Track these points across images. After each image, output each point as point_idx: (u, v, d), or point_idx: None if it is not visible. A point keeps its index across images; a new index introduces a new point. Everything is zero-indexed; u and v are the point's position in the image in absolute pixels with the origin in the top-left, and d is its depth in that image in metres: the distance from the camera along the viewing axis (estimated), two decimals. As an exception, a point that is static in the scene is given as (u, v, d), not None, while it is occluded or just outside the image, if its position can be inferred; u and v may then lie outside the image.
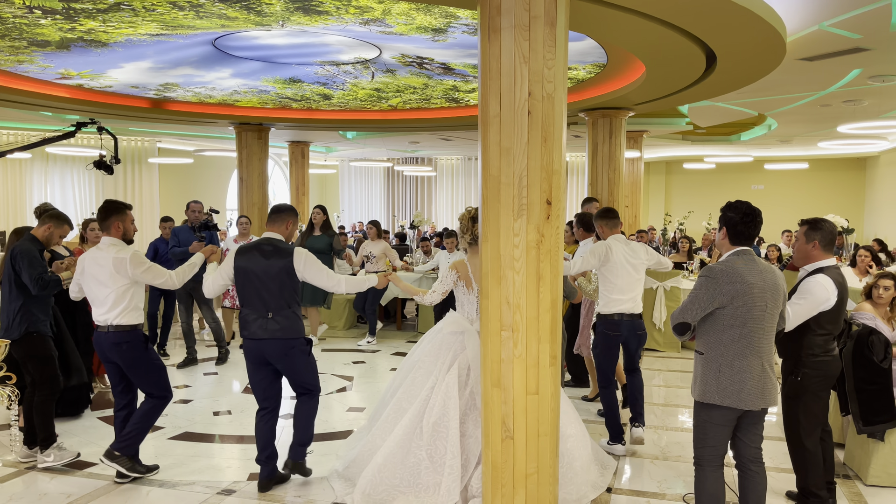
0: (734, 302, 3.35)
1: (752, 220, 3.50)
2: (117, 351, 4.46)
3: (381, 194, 20.60)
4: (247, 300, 4.36)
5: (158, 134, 13.57)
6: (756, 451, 3.60)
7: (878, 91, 8.08)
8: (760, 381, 3.40)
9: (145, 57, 6.60)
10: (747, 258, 3.45)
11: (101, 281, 4.42)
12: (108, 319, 4.44)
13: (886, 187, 16.25)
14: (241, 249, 4.41)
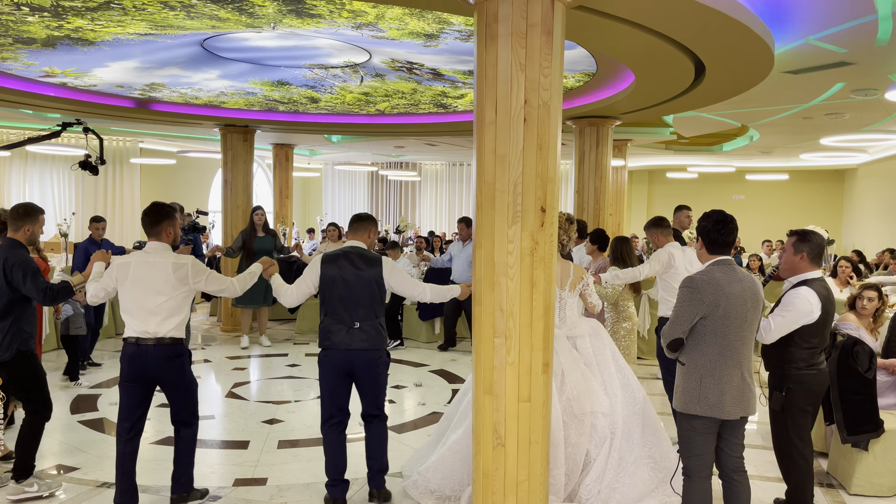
0: (716, 312, 3.37)
1: (725, 226, 3.51)
2: (167, 367, 4.00)
3: (365, 198, 20.54)
4: (331, 309, 4.24)
5: (141, 134, 13.43)
6: (738, 460, 3.61)
7: (860, 105, 8.21)
8: (740, 391, 3.42)
9: (132, 56, 6.53)
10: (726, 268, 3.47)
11: (156, 289, 3.97)
12: (158, 332, 3.95)
13: (864, 199, 16.51)
14: (326, 258, 4.29)
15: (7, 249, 4.32)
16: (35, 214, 4.49)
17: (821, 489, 4.62)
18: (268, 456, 5.17)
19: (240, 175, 10.33)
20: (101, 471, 4.79)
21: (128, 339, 4.01)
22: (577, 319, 4.58)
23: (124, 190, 14.59)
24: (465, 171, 19.60)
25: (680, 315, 3.41)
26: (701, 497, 3.51)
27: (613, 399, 4.30)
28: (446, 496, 4.24)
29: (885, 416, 4.64)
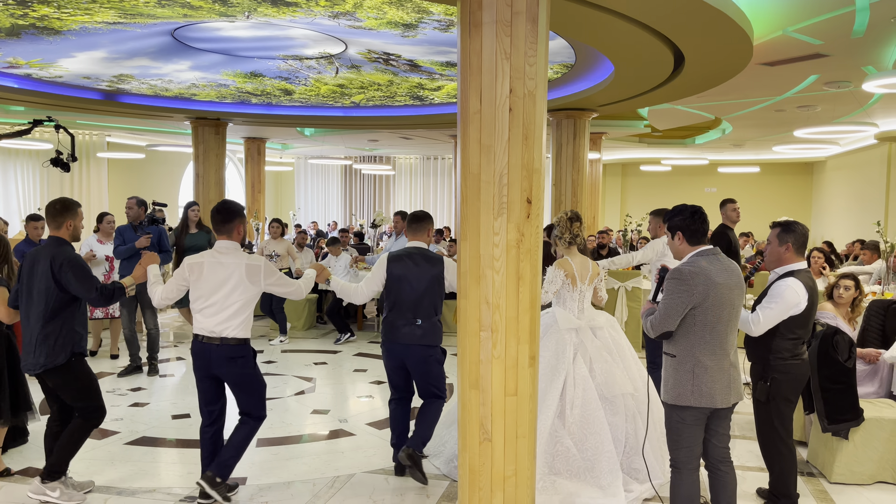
0: (706, 303, 3.35)
1: (702, 216, 3.54)
2: (232, 366, 4.02)
3: (339, 193, 20.37)
4: (395, 306, 4.46)
5: (108, 128, 13.12)
6: (724, 451, 3.62)
7: (832, 97, 8.31)
8: (729, 378, 3.44)
9: (100, 46, 6.34)
10: (711, 257, 3.46)
11: (228, 288, 3.98)
12: (224, 331, 3.98)
13: (832, 191, 16.78)
14: (392, 257, 4.50)
15: (53, 248, 4.10)
16: (73, 208, 4.27)
17: (801, 478, 4.65)
18: (247, 455, 5.05)
19: (212, 169, 10.15)
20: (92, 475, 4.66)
21: (196, 336, 4.08)
22: (593, 311, 4.85)
23: (91, 185, 14.26)
24: (439, 165, 19.52)
25: (670, 307, 3.38)
26: (689, 488, 3.50)
27: (635, 382, 4.61)
28: None
29: (865, 404, 4.68)
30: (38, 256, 4.08)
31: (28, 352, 4.07)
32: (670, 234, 3.60)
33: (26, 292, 4.09)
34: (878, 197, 13.27)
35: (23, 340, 4.12)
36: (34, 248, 4.20)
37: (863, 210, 14.11)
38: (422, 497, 4.37)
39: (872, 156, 13.72)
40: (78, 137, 13.83)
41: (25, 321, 4.10)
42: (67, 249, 4.12)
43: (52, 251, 4.07)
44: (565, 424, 4.43)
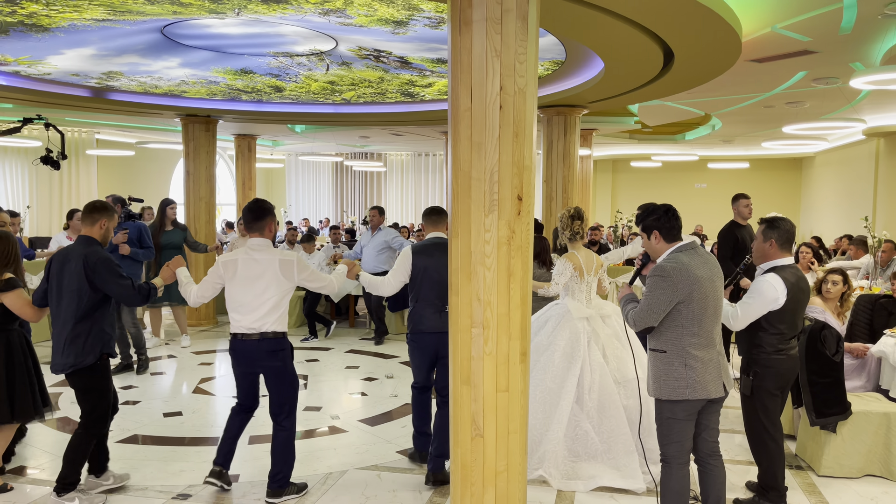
0: (691, 297, 3.38)
1: (674, 213, 3.58)
2: (273, 359, 4.12)
3: (330, 189, 20.33)
4: (423, 296, 4.57)
5: (97, 125, 13.05)
6: (714, 444, 3.65)
7: (821, 93, 8.36)
8: (718, 367, 3.49)
9: (89, 43, 6.31)
10: (690, 252, 3.50)
11: (263, 285, 4.07)
12: (263, 326, 4.07)
13: (821, 187, 16.89)
14: (416, 249, 4.63)
15: (84, 248, 4.07)
16: (111, 210, 4.26)
17: (790, 471, 4.70)
18: (238, 451, 5.05)
19: (202, 166, 10.11)
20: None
21: (235, 335, 4.14)
22: (600, 300, 5.13)
23: (80, 182, 14.18)
24: (430, 161, 19.52)
25: (653, 304, 3.40)
26: (680, 482, 3.53)
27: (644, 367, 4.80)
28: None
29: (853, 398, 4.73)
30: (69, 256, 4.06)
31: (57, 352, 4.05)
32: (646, 235, 3.63)
33: (56, 292, 4.06)
34: (866, 192, 13.37)
35: (53, 340, 4.12)
36: (64, 248, 4.16)
37: (851, 205, 14.22)
38: (414, 493, 4.39)
39: (860, 151, 13.82)
40: (67, 135, 13.75)
41: (56, 321, 4.09)
42: (98, 249, 4.11)
43: (84, 251, 4.04)
44: (584, 409, 4.69)
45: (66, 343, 4.00)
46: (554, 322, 4.98)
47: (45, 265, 4.17)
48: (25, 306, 4.15)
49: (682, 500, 3.55)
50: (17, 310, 4.15)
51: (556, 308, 5.06)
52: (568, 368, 4.74)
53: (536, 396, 4.73)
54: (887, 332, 5.20)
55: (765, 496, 4.14)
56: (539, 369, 4.80)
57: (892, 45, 5.93)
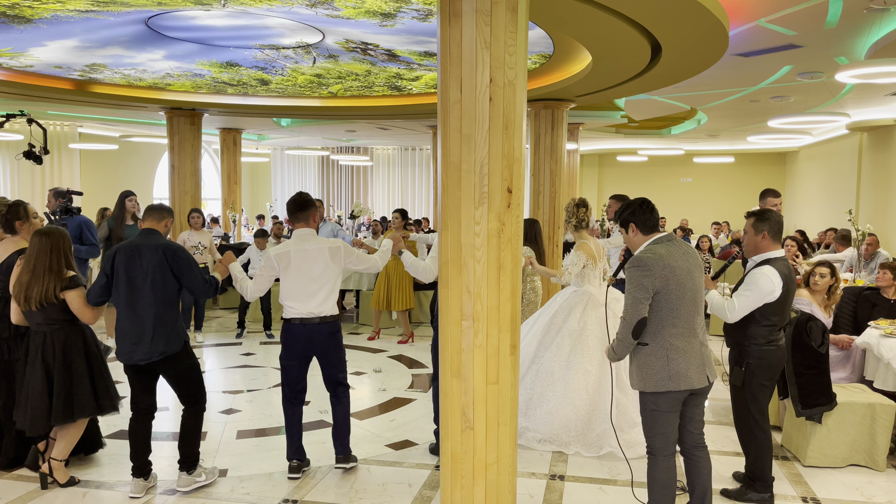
0: (668, 286, 3.40)
1: (650, 206, 3.62)
2: (332, 340, 4.42)
3: (316, 184, 20.24)
4: None
5: (80, 118, 12.90)
6: (699, 436, 3.68)
7: (805, 88, 8.42)
8: (702, 358, 3.51)
9: (72, 35, 6.22)
10: (668, 243, 3.52)
11: (317, 273, 4.32)
12: (322, 311, 4.34)
13: (805, 181, 17.02)
14: None
15: (158, 239, 4.17)
16: (172, 213, 4.45)
17: (776, 461, 4.74)
18: (227, 446, 5.05)
19: (187, 160, 10.03)
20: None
21: (292, 321, 4.34)
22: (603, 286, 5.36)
23: (63, 176, 14.01)
24: (417, 156, 19.48)
25: (636, 295, 3.41)
26: (666, 474, 3.55)
27: None
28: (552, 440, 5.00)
29: (838, 389, 4.78)
30: (139, 248, 4.10)
31: (138, 342, 4.07)
32: (624, 230, 3.66)
33: (126, 284, 4.08)
34: (850, 186, 13.49)
35: (126, 332, 4.10)
36: (125, 242, 4.17)
37: (835, 199, 14.35)
38: (403, 486, 4.39)
39: (844, 146, 13.94)
40: (49, 128, 13.59)
41: (129, 313, 4.08)
42: (170, 241, 4.24)
43: (159, 242, 4.14)
44: (620, 386, 5.01)
45: (152, 332, 4.06)
46: (581, 307, 5.23)
47: (105, 261, 4.16)
48: (85, 307, 4.23)
49: (669, 492, 3.57)
50: (77, 309, 4.22)
51: (578, 294, 5.30)
52: (601, 350, 5.07)
53: (579, 379, 5.01)
54: (872, 324, 5.25)
55: (752, 486, 4.17)
56: (578, 353, 5.08)
57: (877, 39, 5.98)
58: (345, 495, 4.25)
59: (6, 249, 4.53)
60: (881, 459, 4.62)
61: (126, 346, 4.10)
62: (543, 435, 5.00)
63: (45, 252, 4.17)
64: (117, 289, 4.12)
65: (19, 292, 4.16)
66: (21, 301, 4.15)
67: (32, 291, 4.12)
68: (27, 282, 4.13)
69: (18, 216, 4.63)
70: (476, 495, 3.54)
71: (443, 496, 3.66)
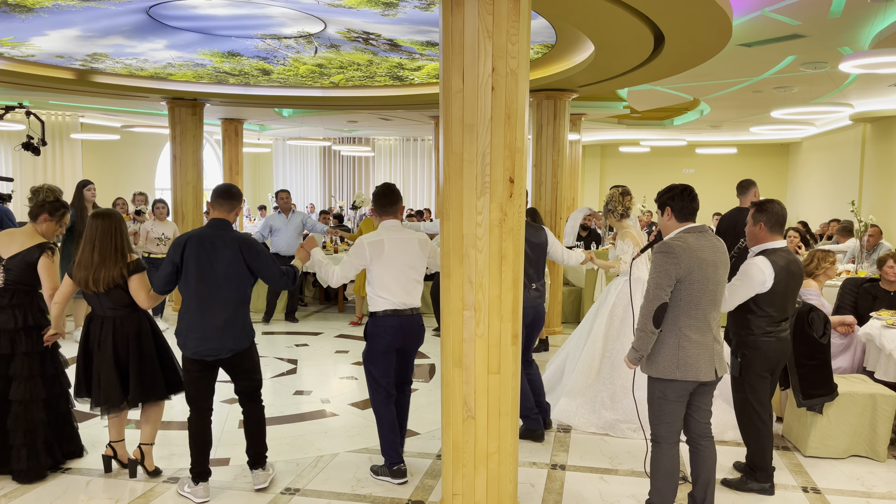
0: (690, 277, 3.40)
1: (691, 194, 3.61)
2: (421, 332, 4.39)
3: (318, 174, 20.22)
4: None
5: (81, 108, 12.88)
6: (706, 426, 3.69)
7: (809, 78, 8.38)
8: (712, 353, 3.51)
9: (73, 24, 6.21)
10: (699, 234, 3.52)
11: (410, 263, 4.29)
12: (413, 302, 4.31)
13: (808, 172, 16.98)
14: None
15: (231, 231, 4.03)
16: (241, 197, 4.24)
17: (776, 452, 4.75)
18: (229, 436, 5.07)
19: (189, 150, 10.01)
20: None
21: (385, 312, 4.23)
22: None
23: (65, 166, 14.02)
24: (419, 146, 19.45)
25: (659, 281, 3.40)
26: (670, 462, 3.57)
27: None
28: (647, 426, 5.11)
29: (839, 379, 4.78)
30: (214, 241, 3.94)
31: (207, 338, 3.93)
32: (660, 211, 3.65)
33: (197, 277, 3.92)
34: (853, 177, 13.46)
35: (193, 326, 3.95)
36: (197, 231, 3.99)
37: (837, 190, 14.31)
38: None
39: (847, 137, 13.90)
40: (50, 118, 13.58)
41: (198, 308, 3.94)
42: (244, 234, 4.17)
43: (236, 235, 4.01)
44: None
45: (221, 329, 3.93)
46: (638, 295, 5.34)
47: (174, 249, 3.98)
48: (144, 291, 4.10)
49: (672, 480, 3.59)
50: (137, 293, 4.09)
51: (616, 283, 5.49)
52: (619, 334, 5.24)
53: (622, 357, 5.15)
54: (874, 315, 5.25)
55: (752, 476, 4.19)
56: (625, 335, 5.24)
57: (880, 30, 5.95)
58: (346, 484, 4.27)
59: (22, 243, 4.34)
60: (882, 450, 4.63)
61: (192, 340, 3.94)
62: (637, 423, 5.05)
63: (109, 234, 4.06)
64: (186, 281, 3.95)
65: (86, 276, 4.02)
66: (88, 284, 4.02)
67: (101, 274, 4.01)
68: (97, 263, 4.02)
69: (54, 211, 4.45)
70: (477, 484, 3.56)
71: (444, 485, 3.68)
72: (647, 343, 3.46)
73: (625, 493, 4.17)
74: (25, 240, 4.33)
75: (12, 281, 4.27)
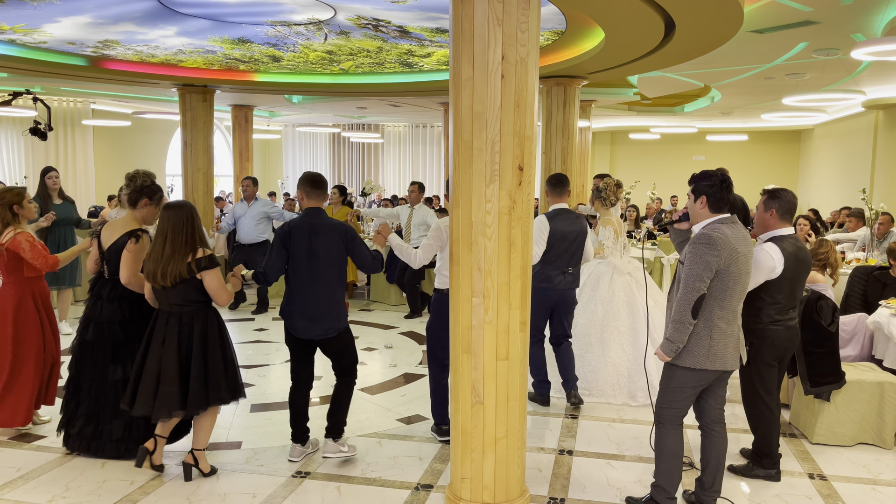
0: (728, 269, 3.40)
1: (729, 185, 3.57)
2: None
3: (327, 161, 20.25)
4: (553, 259, 5.23)
5: (93, 94, 12.95)
6: (720, 412, 3.71)
7: (821, 65, 8.32)
8: (738, 341, 3.57)
9: (84, 11, 6.24)
10: (733, 226, 3.52)
11: None
12: None
13: (819, 159, 16.87)
14: (551, 215, 5.26)
15: (326, 218, 4.28)
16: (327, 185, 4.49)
17: (783, 439, 4.78)
18: (241, 419, 5.14)
19: (199, 137, 10.06)
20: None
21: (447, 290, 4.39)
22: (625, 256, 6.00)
23: (77, 152, 14.11)
24: (428, 133, 19.43)
25: (699, 272, 3.38)
26: (673, 441, 3.62)
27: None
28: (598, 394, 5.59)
29: (846, 367, 4.79)
30: (316, 227, 4.18)
31: (317, 319, 4.22)
32: (693, 197, 3.60)
33: (307, 263, 4.18)
34: (864, 165, 13.36)
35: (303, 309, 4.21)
36: (297, 221, 4.23)
37: (849, 178, 14.22)
38: (414, 459, 4.46)
39: (859, 124, 13.79)
40: (62, 105, 13.66)
41: (310, 291, 4.19)
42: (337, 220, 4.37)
43: (334, 221, 4.27)
44: (654, 344, 5.37)
45: (328, 309, 4.21)
46: (608, 277, 5.81)
47: (281, 238, 4.18)
48: (223, 288, 4.03)
49: (677, 460, 3.62)
50: (215, 290, 3.99)
51: (603, 265, 5.87)
52: (630, 313, 5.64)
53: (614, 340, 5.61)
54: (883, 304, 5.25)
55: (759, 463, 4.22)
56: (611, 318, 5.66)
57: (893, 16, 5.90)
58: (356, 468, 4.33)
59: (114, 232, 4.32)
60: (889, 437, 4.65)
61: (301, 322, 4.22)
62: (589, 387, 5.58)
63: (181, 225, 3.92)
64: (296, 267, 4.19)
65: (154, 269, 3.90)
66: (157, 278, 3.90)
67: (169, 267, 3.87)
68: (167, 256, 3.89)
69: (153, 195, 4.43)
70: (485, 468, 3.61)
71: (453, 469, 3.73)
72: (684, 334, 3.43)
73: (631, 479, 4.21)
74: (124, 228, 4.32)
75: (113, 272, 4.27)
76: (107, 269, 4.33)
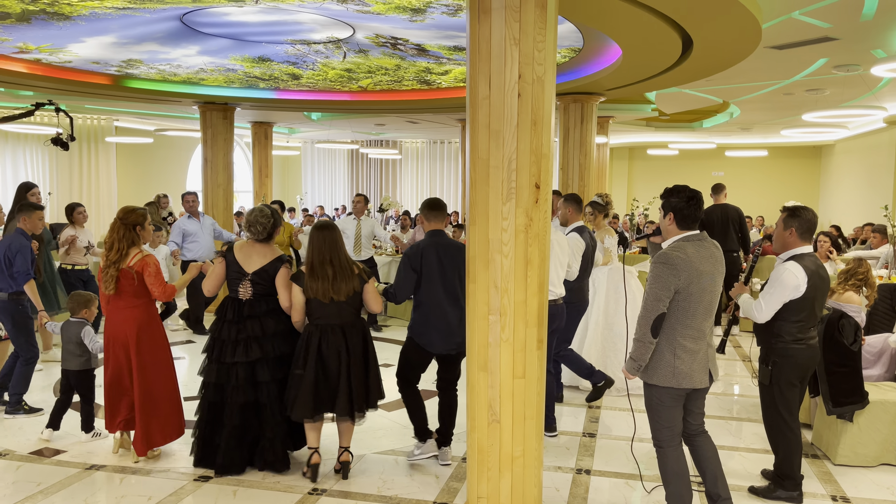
0: (689, 289, 3.40)
1: (698, 202, 3.56)
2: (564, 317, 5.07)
3: (345, 177, 20.38)
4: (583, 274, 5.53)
5: (116, 112, 13.16)
6: (699, 426, 3.74)
7: (841, 80, 8.26)
8: (706, 359, 3.53)
9: (109, 31, 6.36)
10: (698, 243, 3.50)
11: (561, 261, 4.98)
12: (561, 292, 5.00)
13: (840, 175, 16.70)
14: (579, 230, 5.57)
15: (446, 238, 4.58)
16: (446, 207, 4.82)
17: (806, 460, 4.70)
18: (258, 436, 5.13)
19: (220, 153, 10.18)
20: (89, 453, 4.73)
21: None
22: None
23: (100, 169, 14.32)
24: (445, 149, 19.51)
25: (658, 292, 3.41)
26: (676, 463, 3.59)
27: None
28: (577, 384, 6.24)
29: (870, 387, 4.72)
30: (445, 248, 4.45)
31: (452, 334, 4.44)
32: (663, 212, 3.62)
33: (442, 281, 4.42)
34: (887, 181, 13.20)
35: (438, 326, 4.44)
36: (426, 242, 4.46)
37: (871, 194, 14.06)
38: (430, 477, 4.44)
39: (881, 139, 13.64)
40: (86, 122, 13.88)
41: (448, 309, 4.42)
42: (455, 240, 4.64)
43: (455, 242, 4.53)
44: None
45: (460, 324, 4.33)
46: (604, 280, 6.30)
47: (413, 259, 4.42)
48: (376, 297, 4.41)
49: (684, 480, 3.60)
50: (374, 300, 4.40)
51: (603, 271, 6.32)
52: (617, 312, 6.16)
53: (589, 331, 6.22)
54: (906, 322, 5.17)
55: (780, 484, 4.15)
56: (610, 314, 6.19)
57: (914, 32, 5.85)
58: (373, 485, 4.32)
59: (265, 256, 4.46)
60: (914, 459, 4.56)
61: (436, 338, 4.46)
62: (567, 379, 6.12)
63: (335, 244, 4.28)
64: (431, 285, 4.42)
65: (324, 286, 4.19)
66: (329, 294, 4.19)
67: (341, 284, 4.22)
68: (334, 274, 4.22)
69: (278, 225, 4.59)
70: (502, 488, 3.59)
71: (469, 488, 3.71)
72: (645, 353, 3.48)
73: (651, 500, 4.16)
74: (266, 254, 4.46)
75: (259, 294, 4.42)
76: (251, 291, 4.42)
